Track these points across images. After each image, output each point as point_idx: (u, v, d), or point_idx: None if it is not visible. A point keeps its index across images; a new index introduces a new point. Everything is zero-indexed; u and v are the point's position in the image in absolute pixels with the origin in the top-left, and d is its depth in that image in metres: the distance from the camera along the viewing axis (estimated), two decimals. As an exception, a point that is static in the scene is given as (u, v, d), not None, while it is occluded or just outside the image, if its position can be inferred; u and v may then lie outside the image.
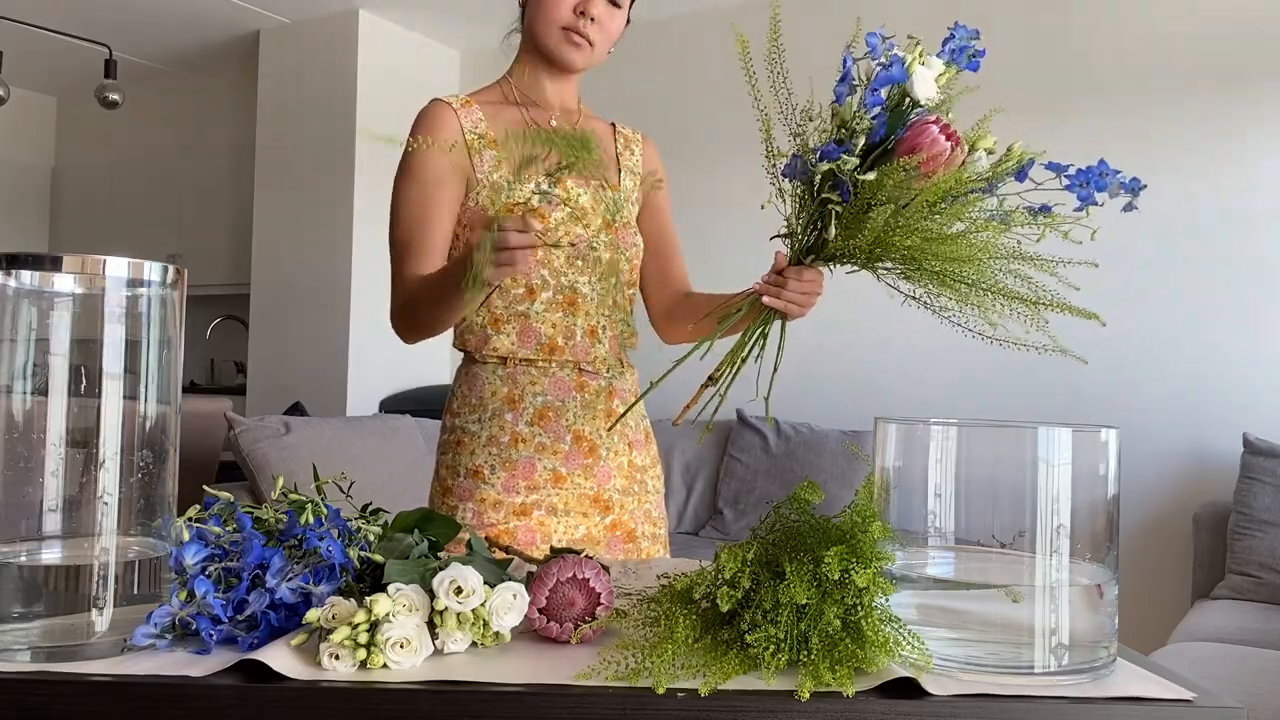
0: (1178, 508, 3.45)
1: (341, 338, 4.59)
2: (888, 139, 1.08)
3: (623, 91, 3.65)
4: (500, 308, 1.46)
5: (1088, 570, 0.77)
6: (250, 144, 5.06)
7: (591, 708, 0.72)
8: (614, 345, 1.52)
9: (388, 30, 4.73)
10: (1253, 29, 3.42)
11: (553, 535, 1.46)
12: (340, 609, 0.79)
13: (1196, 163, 3.48)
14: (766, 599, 0.76)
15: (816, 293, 1.25)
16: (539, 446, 1.46)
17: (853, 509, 0.80)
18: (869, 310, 4.00)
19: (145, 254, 0.84)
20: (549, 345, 1.46)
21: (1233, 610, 2.85)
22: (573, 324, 1.47)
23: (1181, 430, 3.46)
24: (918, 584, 0.80)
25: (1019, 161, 1.10)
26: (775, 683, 0.73)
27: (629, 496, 1.52)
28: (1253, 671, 2.15)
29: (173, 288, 0.84)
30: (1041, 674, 0.75)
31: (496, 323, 1.47)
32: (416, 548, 0.90)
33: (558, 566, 0.85)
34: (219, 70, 5.50)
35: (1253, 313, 3.39)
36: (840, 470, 3.66)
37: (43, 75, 5.80)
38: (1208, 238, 3.45)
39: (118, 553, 0.79)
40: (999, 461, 0.79)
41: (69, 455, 0.78)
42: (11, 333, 0.79)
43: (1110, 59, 3.62)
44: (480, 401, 1.48)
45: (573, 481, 1.47)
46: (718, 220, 4.13)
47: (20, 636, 0.77)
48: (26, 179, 6.13)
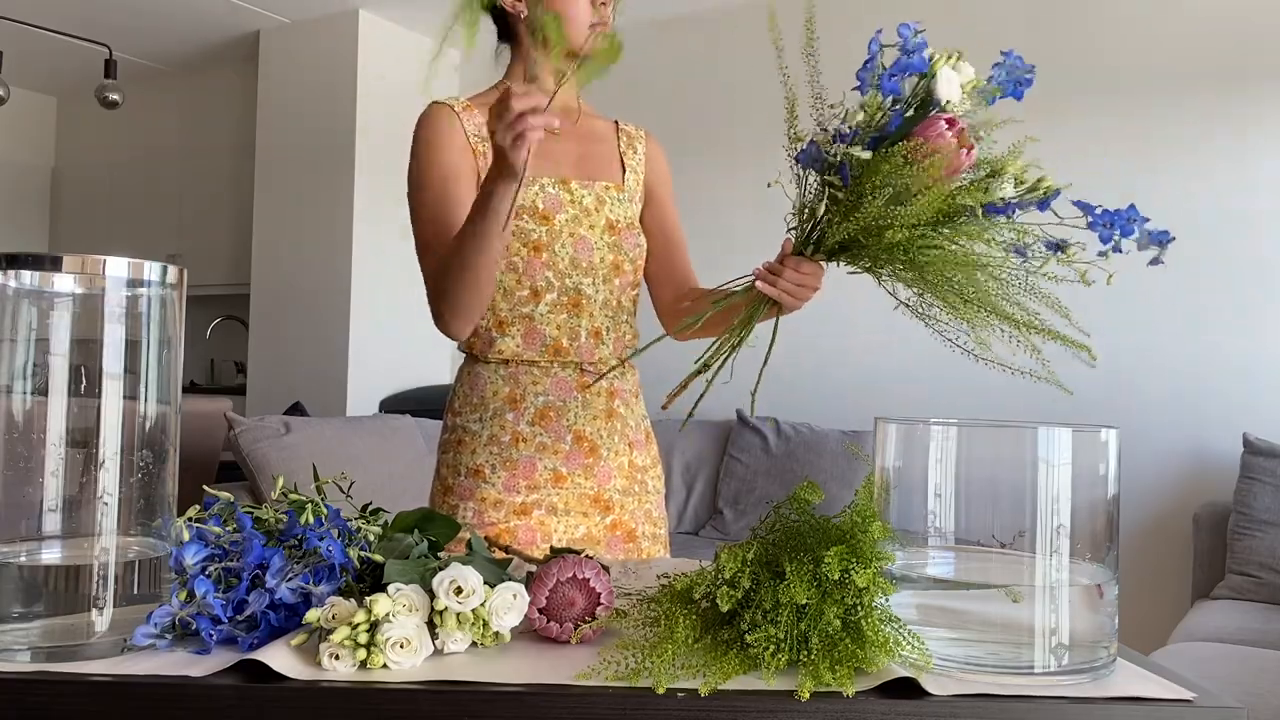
0: (1178, 508, 3.45)
1: (341, 338, 4.59)
2: (902, 131, 1.08)
3: (631, 88, 3.66)
4: (505, 310, 1.46)
5: (1088, 570, 0.77)
6: (250, 144, 5.06)
7: (591, 708, 0.72)
8: (617, 346, 1.52)
9: (388, 30, 4.73)
10: (1253, 29, 3.42)
11: (553, 535, 1.46)
12: (340, 609, 0.79)
13: (1196, 163, 3.48)
14: (766, 599, 0.76)
15: (814, 286, 1.23)
16: (540, 446, 1.46)
17: (853, 509, 0.80)
18: (869, 310, 4.01)
19: (145, 254, 0.84)
20: (554, 347, 1.46)
21: (1233, 610, 2.85)
22: (577, 325, 1.47)
23: (1181, 430, 3.46)
24: (918, 584, 0.80)
25: (1045, 193, 1.09)
26: (775, 683, 0.73)
27: (629, 496, 1.52)
28: (1253, 671, 2.15)
29: (173, 288, 0.84)
30: (1041, 674, 0.75)
31: (501, 325, 1.46)
32: (416, 548, 0.90)
33: (558, 566, 0.85)
34: (219, 70, 5.50)
35: (1253, 313, 3.39)
36: (840, 470, 3.66)
37: (43, 75, 5.80)
38: (1208, 238, 3.45)
39: (118, 553, 0.79)
40: (999, 461, 0.79)
41: (69, 455, 0.78)
42: (11, 333, 0.79)
43: (1110, 59, 3.62)
44: (482, 401, 1.48)
45: (573, 481, 1.47)
46: (724, 218, 4.13)
47: (20, 636, 0.77)
48: (26, 179, 6.14)
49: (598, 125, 1.59)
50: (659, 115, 4.16)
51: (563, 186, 1.47)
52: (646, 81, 4.25)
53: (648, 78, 4.29)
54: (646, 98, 4.18)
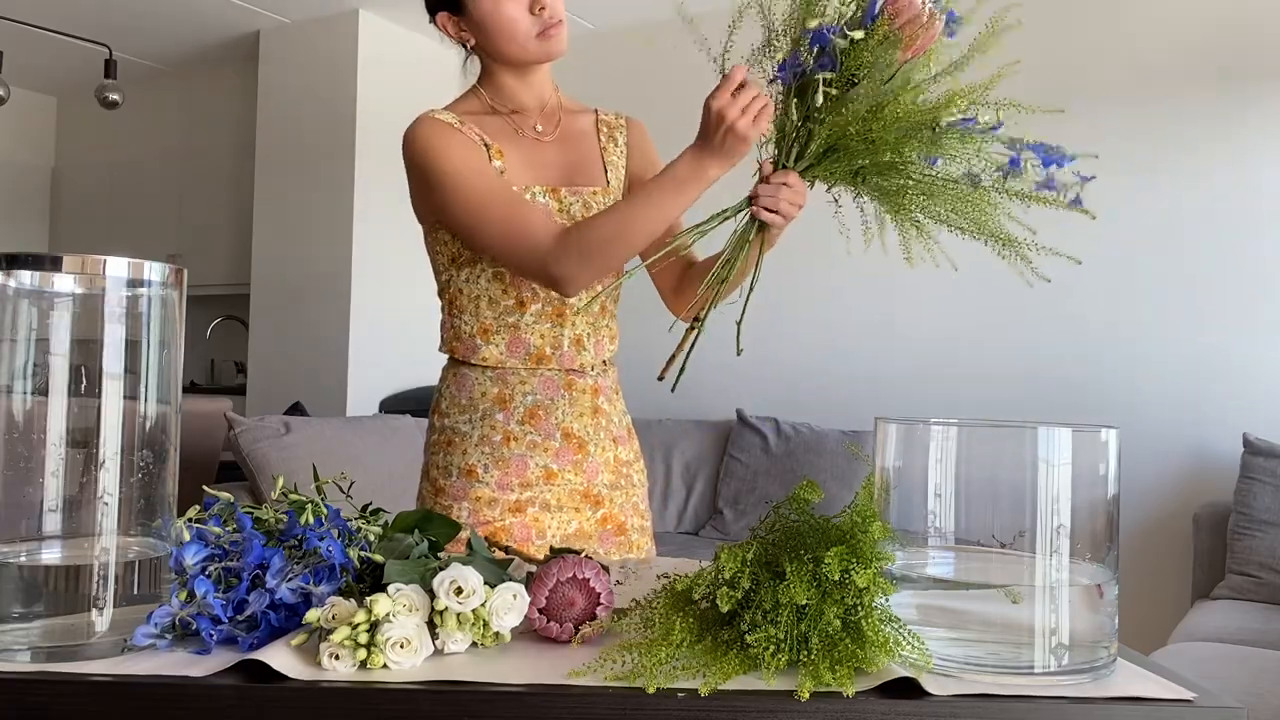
0: (1178, 508, 3.45)
1: (341, 338, 4.59)
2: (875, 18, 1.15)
3: (625, 82, 3.66)
4: (490, 318, 1.47)
5: (1088, 570, 0.77)
6: (250, 144, 5.06)
7: (591, 708, 0.72)
8: (599, 349, 1.53)
9: (388, 30, 4.73)
10: (1253, 29, 3.42)
11: (546, 530, 1.48)
12: (340, 609, 0.79)
13: (1197, 163, 3.48)
14: (766, 599, 0.76)
15: (800, 203, 1.28)
16: (530, 444, 1.47)
17: (853, 509, 0.80)
18: (869, 310, 4.01)
19: (145, 254, 0.84)
20: (537, 355, 1.48)
21: (1233, 610, 2.85)
22: (560, 334, 1.48)
23: (1181, 430, 3.46)
24: (918, 584, 0.80)
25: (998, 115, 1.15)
26: (775, 683, 0.73)
27: (617, 490, 1.54)
28: (1253, 671, 2.15)
29: (173, 288, 0.84)
30: (1041, 674, 0.75)
31: (486, 333, 1.47)
32: (416, 548, 0.90)
33: (558, 566, 0.85)
34: (219, 70, 5.50)
35: (1253, 313, 3.39)
36: (840, 470, 3.66)
37: (43, 75, 5.80)
38: (1208, 238, 3.45)
39: (118, 553, 0.79)
40: (999, 461, 0.79)
41: (69, 455, 0.78)
42: (11, 333, 0.79)
43: (1110, 59, 3.63)
44: (470, 402, 1.49)
45: (563, 478, 1.49)
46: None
47: (20, 636, 0.77)
48: (26, 179, 6.13)
49: (579, 122, 1.57)
50: (661, 102, 4.15)
51: (552, 195, 1.47)
52: (648, 71, 4.25)
53: (647, 68, 4.28)
54: (647, 86, 4.17)
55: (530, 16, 1.43)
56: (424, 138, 1.44)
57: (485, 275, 1.47)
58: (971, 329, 3.77)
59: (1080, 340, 3.60)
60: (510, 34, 1.44)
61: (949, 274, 1.33)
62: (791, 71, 1.18)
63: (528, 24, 1.43)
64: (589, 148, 1.56)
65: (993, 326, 3.73)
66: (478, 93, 1.53)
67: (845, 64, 1.14)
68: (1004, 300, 3.64)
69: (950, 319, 3.81)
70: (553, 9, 1.44)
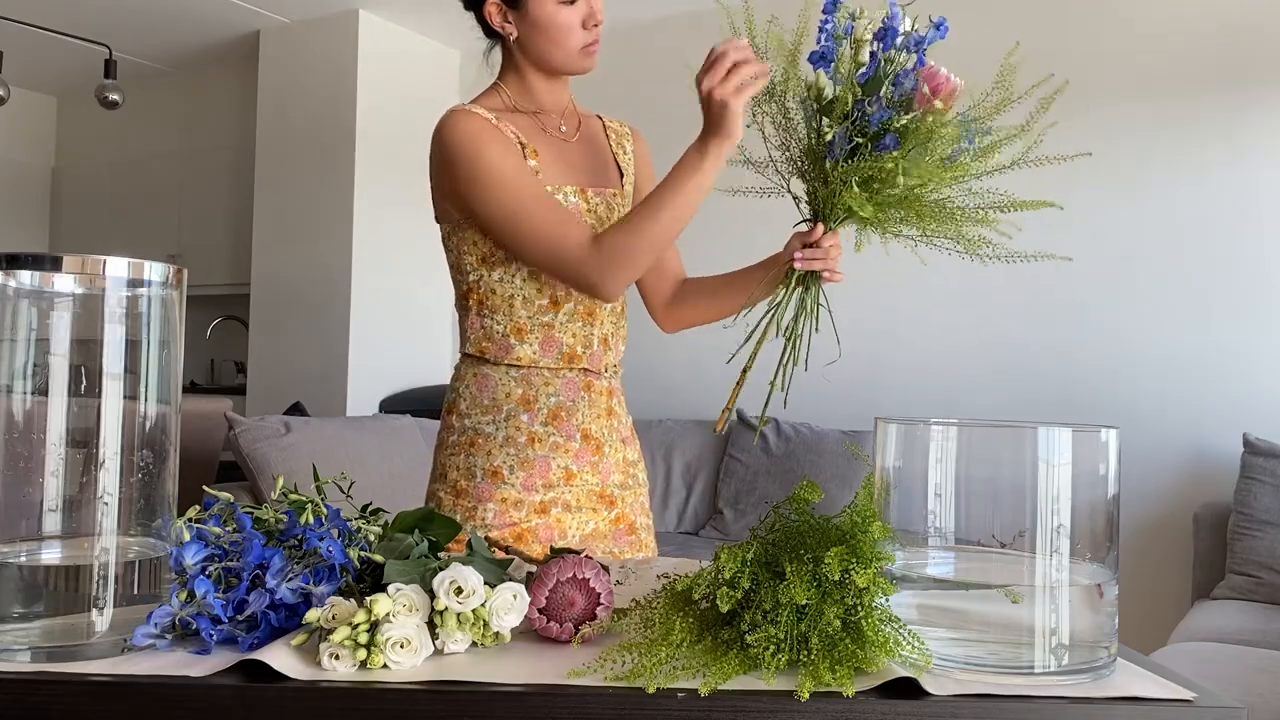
0: (1178, 508, 3.45)
1: (341, 338, 4.59)
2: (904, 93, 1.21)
3: (623, 84, 3.66)
4: (524, 318, 1.47)
5: (1088, 570, 0.77)
6: (250, 144, 5.06)
7: (591, 708, 0.72)
8: (617, 350, 1.56)
9: (388, 30, 4.73)
10: (1253, 29, 3.42)
11: (568, 531, 1.49)
12: (340, 609, 0.79)
13: (1197, 162, 3.48)
14: (766, 599, 0.76)
15: (839, 254, 1.38)
16: (553, 445, 1.48)
17: (853, 509, 0.80)
18: (869, 310, 4.01)
19: (145, 254, 0.84)
20: (569, 354, 1.49)
21: (1233, 610, 2.85)
22: (590, 334, 1.50)
23: (1181, 430, 3.46)
24: (918, 584, 0.80)
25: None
26: (775, 683, 0.73)
27: (626, 490, 1.56)
28: (1253, 671, 2.15)
29: (173, 288, 0.84)
30: (1041, 674, 0.75)
31: (520, 332, 1.47)
32: (416, 548, 0.90)
33: (558, 566, 0.85)
34: (219, 70, 5.50)
35: (1253, 313, 3.39)
36: (840, 470, 3.66)
37: (43, 75, 5.80)
38: (1208, 238, 3.45)
39: (118, 553, 0.79)
40: (999, 461, 0.79)
41: (69, 455, 0.78)
42: (11, 333, 0.79)
43: (1110, 59, 3.62)
44: (494, 403, 1.48)
45: (581, 478, 1.50)
46: (714, 211, 4.13)
47: (20, 636, 0.77)
48: (26, 179, 6.13)
49: (592, 126, 1.60)
50: (658, 108, 4.15)
51: (581, 196, 1.48)
52: (647, 76, 4.25)
53: (648, 72, 4.28)
54: (645, 92, 4.18)
55: (582, 30, 1.45)
56: (463, 132, 1.42)
57: (520, 275, 1.46)
58: (972, 329, 3.77)
59: (1080, 340, 3.59)
60: (561, 41, 1.45)
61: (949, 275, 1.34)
62: (841, 148, 1.22)
63: (580, 36, 1.45)
64: (604, 150, 1.59)
65: (993, 327, 3.73)
66: (500, 90, 1.52)
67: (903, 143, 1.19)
68: (1004, 301, 3.64)
69: (950, 319, 3.81)
70: (600, 28, 1.47)
